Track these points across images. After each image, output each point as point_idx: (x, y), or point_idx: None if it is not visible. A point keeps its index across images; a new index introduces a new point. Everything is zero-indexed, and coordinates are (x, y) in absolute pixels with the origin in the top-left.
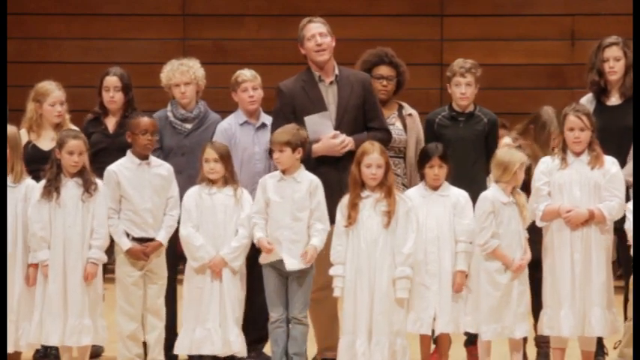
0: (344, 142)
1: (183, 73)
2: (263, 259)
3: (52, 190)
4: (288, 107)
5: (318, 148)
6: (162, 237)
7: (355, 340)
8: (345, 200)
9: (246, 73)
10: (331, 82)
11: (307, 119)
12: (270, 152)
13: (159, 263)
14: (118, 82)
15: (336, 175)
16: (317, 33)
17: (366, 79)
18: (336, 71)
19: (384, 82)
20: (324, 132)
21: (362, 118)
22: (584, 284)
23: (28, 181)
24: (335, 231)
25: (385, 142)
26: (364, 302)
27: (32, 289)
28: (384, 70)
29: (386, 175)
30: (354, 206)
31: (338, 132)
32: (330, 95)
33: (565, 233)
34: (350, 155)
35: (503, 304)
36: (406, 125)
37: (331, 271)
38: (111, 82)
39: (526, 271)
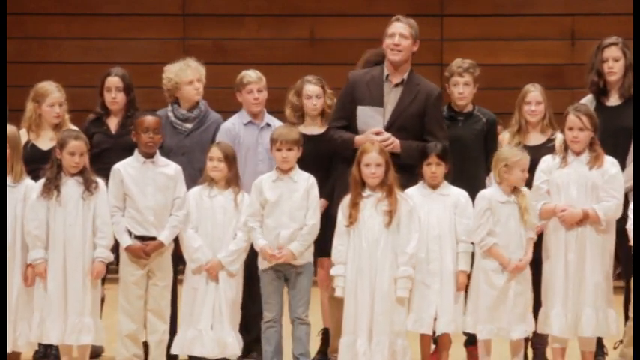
0: (386, 140)
1: (194, 70)
2: (262, 264)
3: (51, 188)
4: (348, 96)
5: (360, 140)
6: (165, 237)
7: (356, 340)
8: (346, 200)
9: (251, 75)
10: (397, 84)
11: (360, 109)
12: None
13: (162, 263)
14: (120, 83)
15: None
16: (398, 33)
17: (433, 92)
18: (405, 75)
19: None
20: (373, 126)
21: (417, 127)
22: (577, 284)
23: (28, 181)
24: (336, 231)
25: None
26: (365, 302)
27: (30, 288)
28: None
29: (387, 174)
30: (355, 206)
31: (383, 130)
32: (391, 96)
33: (560, 233)
34: (392, 160)
35: (499, 304)
36: None
37: (332, 271)
38: (113, 82)
39: (526, 272)
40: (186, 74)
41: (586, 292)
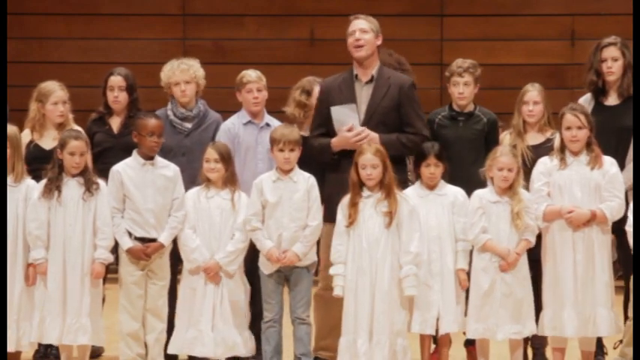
0: (359, 135)
1: (183, 72)
2: (267, 268)
3: (52, 188)
4: (323, 103)
5: (335, 142)
6: (165, 238)
7: (356, 340)
8: (345, 200)
9: (251, 74)
10: (367, 82)
11: (333, 109)
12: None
13: (161, 264)
14: (123, 82)
15: (338, 174)
16: (357, 29)
17: (405, 83)
18: (374, 71)
19: None
20: (349, 124)
21: (394, 121)
22: (586, 285)
23: (29, 181)
24: (335, 230)
25: (418, 146)
26: (365, 302)
27: (32, 288)
28: None
29: (384, 175)
30: (354, 206)
31: (353, 124)
32: (363, 95)
33: (567, 234)
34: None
35: (484, 304)
36: None
37: (331, 271)
38: (115, 81)
39: (518, 274)
40: (173, 76)
41: (597, 292)
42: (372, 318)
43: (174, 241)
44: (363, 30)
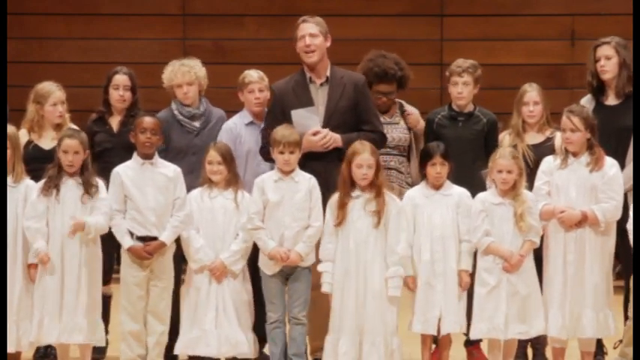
0: (324, 138)
1: (184, 74)
2: (270, 269)
3: (51, 186)
4: (277, 107)
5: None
6: (166, 237)
7: (339, 339)
8: (334, 199)
9: (253, 75)
10: (322, 84)
11: (294, 113)
12: (263, 151)
13: (163, 264)
14: (128, 82)
15: (321, 172)
16: (307, 34)
17: (359, 81)
18: (328, 72)
19: (384, 99)
20: (311, 127)
21: (353, 120)
22: (576, 285)
23: (28, 181)
24: (324, 229)
25: (377, 143)
26: (350, 303)
27: (32, 288)
28: (383, 87)
29: (377, 175)
30: (342, 205)
31: (320, 128)
32: (320, 97)
33: (559, 234)
34: (336, 154)
35: (490, 303)
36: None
37: (319, 268)
38: (121, 80)
39: (524, 273)
40: (175, 78)
41: (586, 294)
42: (359, 319)
43: (179, 244)
44: (312, 34)
